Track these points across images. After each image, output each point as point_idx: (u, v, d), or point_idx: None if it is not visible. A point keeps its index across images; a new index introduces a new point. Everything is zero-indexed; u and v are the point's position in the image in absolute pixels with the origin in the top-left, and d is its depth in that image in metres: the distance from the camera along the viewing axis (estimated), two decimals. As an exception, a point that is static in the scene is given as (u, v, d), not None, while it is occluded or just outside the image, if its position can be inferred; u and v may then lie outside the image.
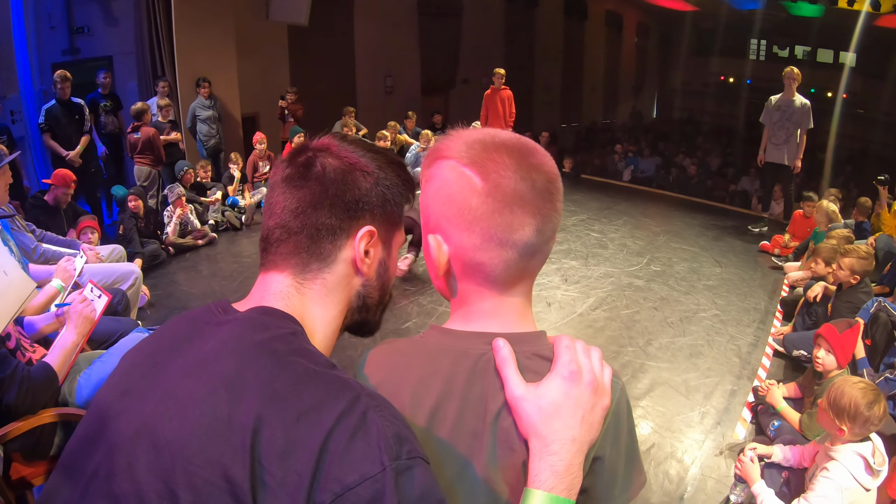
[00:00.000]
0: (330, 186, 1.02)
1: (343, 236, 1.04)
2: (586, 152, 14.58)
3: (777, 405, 3.95)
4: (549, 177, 1.00)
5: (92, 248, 4.91)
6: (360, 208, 1.04)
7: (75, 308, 2.80)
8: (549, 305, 5.88)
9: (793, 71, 7.61)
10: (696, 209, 9.45)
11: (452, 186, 0.99)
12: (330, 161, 1.04)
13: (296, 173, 1.03)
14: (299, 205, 1.02)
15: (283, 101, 10.16)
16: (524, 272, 1.03)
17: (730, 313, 5.83)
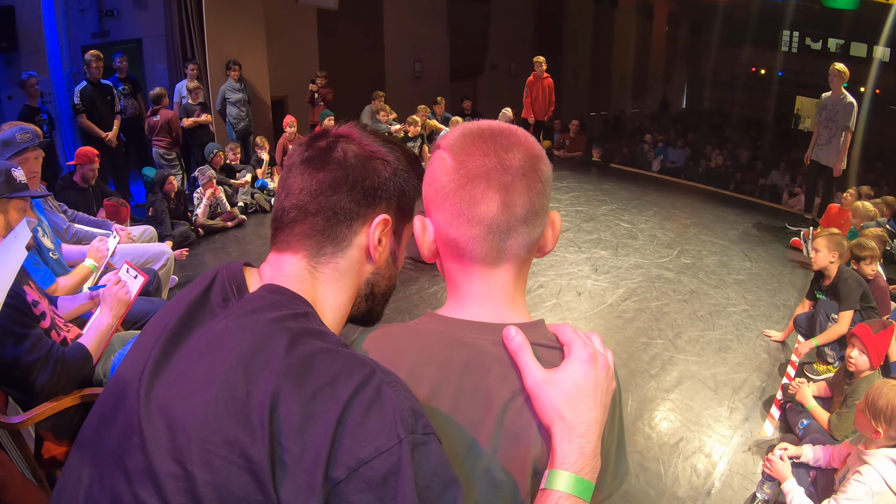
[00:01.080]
0: (350, 171, 1.03)
1: (359, 222, 1.05)
2: (615, 141, 14.44)
3: (807, 403, 3.91)
4: (523, 156, 0.99)
5: (124, 229, 4.94)
6: (378, 196, 1.05)
7: (110, 290, 2.81)
8: (579, 295, 5.84)
9: (835, 67, 7.40)
10: (726, 202, 9.32)
11: (433, 169, 1.02)
12: (351, 147, 1.05)
13: (316, 156, 1.04)
14: (318, 187, 1.02)
15: (314, 85, 10.15)
16: (502, 252, 1.01)
17: (759, 308, 5.76)
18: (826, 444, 3.50)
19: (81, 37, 8.72)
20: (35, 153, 3.79)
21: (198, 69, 8.88)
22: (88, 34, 8.84)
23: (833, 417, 3.70)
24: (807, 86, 14.86)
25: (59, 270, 3.52)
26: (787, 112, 16.10)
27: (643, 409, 4.23)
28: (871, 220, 6.09)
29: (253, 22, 9.68)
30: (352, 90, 11.28)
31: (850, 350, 3.72)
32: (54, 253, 3.56)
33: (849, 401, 3.66)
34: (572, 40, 16.70)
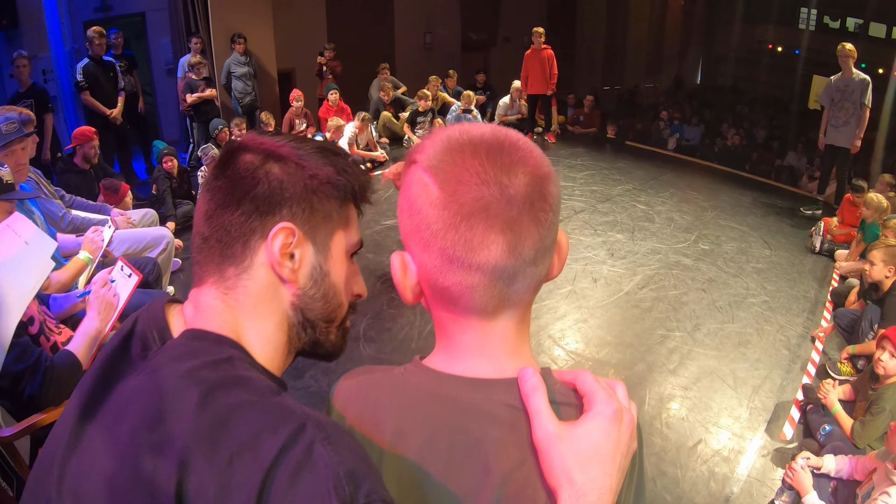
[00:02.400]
0: (239, 182, 0.89)
1: (256, 236, 0.89)
2: (629, 117, 14.16)
3: (832, 407, 3.77)
4: (530, 179, 0.79)
5: (123, 214, 4.79)
6: (274, 202, 0.89)
7: (96, 293, 2.66)
8: (595, 281, 5.68)
9: (845, 47, 7.16)
10: (744, 184, 9.09)
11: (413, 196, 0.82)
12: (246, 156, 0.90)
13: (211, 175, 0.92)
14: (208, 207, 0.90)
15: (322, 58, 9.92)
16: (504, 300, 0.83)
17: (779, 300, 5.59)
18: (849, 455, 3.39)
19: (83, 12, 8.47)
20: (22, 144, 3.61)
21: (201, 43, 8.65)
22: (90, 9, 8.59)
23: (856, 425, 3.58)
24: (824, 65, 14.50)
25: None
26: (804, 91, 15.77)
27: (661, 408, 4.11)
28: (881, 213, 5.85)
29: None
30: (361, 62, 11.03)
31: (881, 353, 3.56)
32: (49, 245, 3.39)
33: (873, 408, 3.54)
34: (586, 13, 16.31)
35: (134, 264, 3.96)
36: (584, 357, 4.58)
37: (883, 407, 3.47)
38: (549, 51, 9.76)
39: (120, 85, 7.35)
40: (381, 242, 6.24)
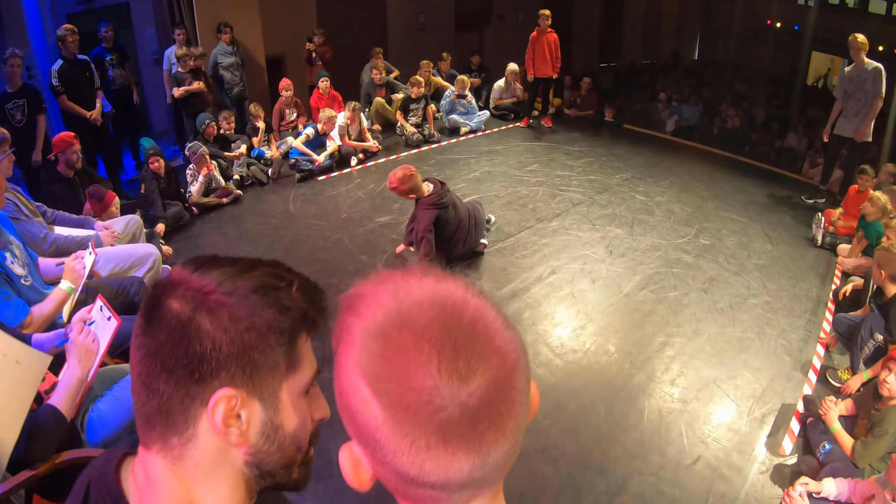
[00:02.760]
0: (165, 344, 0.81)
1: (196, 404, 0.82)
2: (626, 96, 13.94)
3: (831, 425, 3.70)
4: (492, 381, 0.64)
5: (107, 227, 4.65)
6: (210, 367, 0.81)
7: (74, 341, 2.54)
8: (593, 282, 5.56)
9: (856, 39, 6.96)
10: (745, 171, 8.91)
11: (353, 407, 0.67)
12: (171, 304, 0.82)
13: (138, 329, 0.84)
14: (141, 369, 0.83)
15: (311, 44, 9.68)
16: (475, 497, 0.69)
17: (781, 300, 5.48)
18: (848, 477, 3.35)
19: (66, 4, 8.21)
20: None
21: (185, 34, 8.39)
22: (72, 1, 8.33)
23: (858, 446, 3.53)
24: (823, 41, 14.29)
25: (33, 297, 3.24)
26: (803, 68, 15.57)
27: (660, 423, 4.02)
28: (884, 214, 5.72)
29: (244, -22, 9.14)
30: (352, 45, 10.78)
31: (887, 374, 3.47)
32: (27, 279, 3.26)
33: (876, 429, 3.48)
34: (583, -12, 16.01)
35: (119, 285, 3.88)
36: (583, 367, 4.48)
37: (886, 429, 3.41)
38: (554, 35, 9.53)
39: (96, 84, 7.08)
40: (374, 242, 6.10)
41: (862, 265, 5.79)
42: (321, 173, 7.83)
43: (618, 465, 3.67)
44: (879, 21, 13.92)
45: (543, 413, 4.00)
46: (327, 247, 6.02)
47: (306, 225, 6.49)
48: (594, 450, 3.76)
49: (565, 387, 4.26)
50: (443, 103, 9.76)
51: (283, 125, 8.65)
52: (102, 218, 5.26)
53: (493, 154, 8.79)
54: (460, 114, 9.66)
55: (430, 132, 9.19)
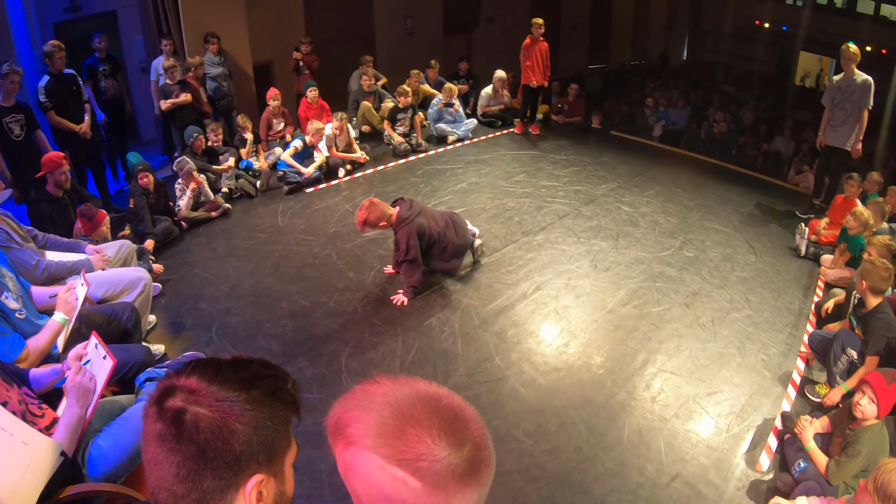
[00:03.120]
0: (207, 448, 1.00)
1: (231, 491, 1.03)
2: (615, 98, 14.02)
3: (806, 444, 3.80)
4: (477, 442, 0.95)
5: (99, 251, 4.70)
6: (244, 462, 1.03)
7: (72, 382, 2.62)
8: (577, 298, 5.63)
9: (848, 49, 7.05)
10: (730, 178, 9.00)
11: (386, 487, 0.92)
12: (202, 413, 1.01)
13: (167, 432, 1.01)
14: (179, 471, 1.00)
15: (298, 53, 9.70)
16: None
17: (763, 314, 5.58)
18: (821, 496, 3.43)
19: (52, 12, 8.23)
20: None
21: (172, 44, 8.42)
22: (59, 9, 8.34)
23: (831, 464, 3.62)
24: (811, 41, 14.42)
25: (27, 329, 3.31)
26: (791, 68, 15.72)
27: (640, 440, 4.10)
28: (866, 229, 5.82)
29: (232, -13, 9.17)
30: (340, 51, 10.85)
31: (860, 397, 3.57)
32: (21, 312, 3.33)
33: (850, 449, 3.57)
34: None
35: (111, 312, 3.95)
36: (566, 386, 4.55)
37: (859, 450, 3.50)
38: (546, 44, 9.60)
39: (84, 97, 7.10)
40: (362, 258, 6.15)
41: (844, 277, 5.89)
42: (309, 185, 7.88)
43: (598, 483, 3.75)
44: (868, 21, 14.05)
45: (526, 433, 4.08)
46: (315, 263, 6.07)
47: (295, 240, 6.53)
48: (575, 469, 3.84)
49: (548, 406, 4.33)
50: (430, 112, 9.81)
51: (271, 135, 8.69)
52: (93, 236, 5.32)
53: (481, 164, 8.84)
54: (448, 122, 9.71)
55: (417, 141, 9.24)
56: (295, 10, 10.96)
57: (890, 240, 5.25)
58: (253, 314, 5.29)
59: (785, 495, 3.60)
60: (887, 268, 4.43)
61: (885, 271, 4.41)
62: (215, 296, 5.56)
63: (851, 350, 4.42)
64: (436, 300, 5.55)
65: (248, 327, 5.12)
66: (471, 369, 4.64)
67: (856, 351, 4.41)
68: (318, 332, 5.05)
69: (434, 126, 9.74)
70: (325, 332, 5.07)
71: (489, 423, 3.99)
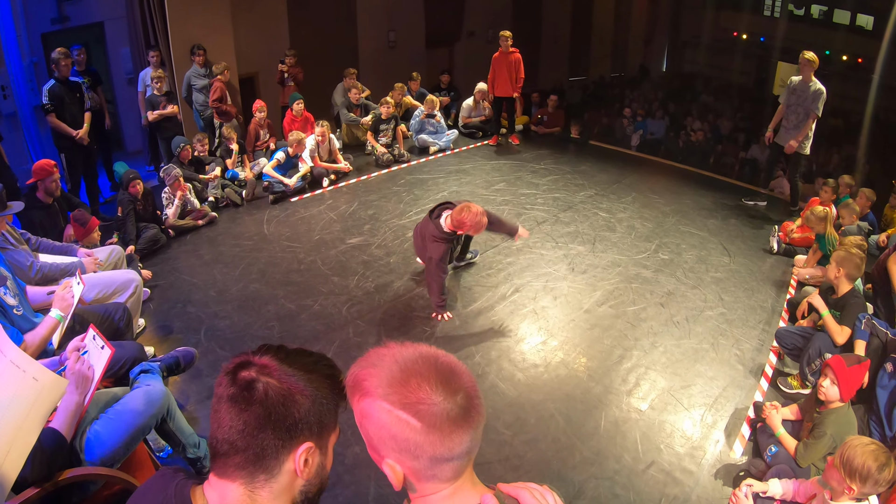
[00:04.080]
0: (273, 411, 1.19)
1: (285, 452, 1.22)
2: (594, 109, 14.27)
3: (775, 430, 3.95)
4: (468, 391, 1.15)
5: (90, 254, 4.82)
6: (300, 429, 1.22)
7: (72, 369, 2.75)
8: (555, 299, 5.79)
9: (805, 56, 7.33)
10: (706, 184, 9.21)
11: (392, 428, 1.13)
12: (272, 383, 1.21)
13: (240, 395, 1.20)
14: (245, 427, 1.19)
15: (283, 66, 9.85)
16: (469, 461, 1.20)
17: (736, 312, 5.75)
18: (793, 478, 3.57)
19: (40, 23, 8.35)
20: None
21: (159, 56, 8.57)
22: (47, 20, 8.46)
23: (800, 447, 3.76)
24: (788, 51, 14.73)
25: (24, 326, 3.43)
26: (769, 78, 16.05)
27: (616, 432, 4.25)
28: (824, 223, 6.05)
29: (217, 2, 9.29)
30: (324, 64, 11.00)
31: (823, 379, 3.73)
32: (18, 309, 3.45)
33: (816, 431, 3.72)
34: (551, 3, 16.33)
35: (104, 311, 4.06)
36: (544, 381, 4.71)
37: (824, 431, 3.65)
38: (517, 54, 9.80)
39: (86, 105, 7.25)
40: (346, 264, 6.29)
41: (817, 275, 6.08)
42: (294, 195, 8.02)
43: (575, 471, 3.90)
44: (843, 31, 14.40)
45: (506, 425, 4.22)
46: (301, 269, 6.21)
47: (280, 247, 6.67)
48: (553, 458, 3.99)
49: (527, 400, 4.48)
50: (412, 123, 9.98)
51: (258, 146, 8.83)
52: (84, 242, 5.43)
53: (462, 173, 9.01)
54: (429, 133, 9.88)
55: (400, 152, 9.40)
56: (280, 23, 11.12)
57: (861, 240, 5.49)
58: (240, 317, 5.42)
59: (758, 479, 3.73)
60: (861, 256, 4.71)
61: (860, 259, 4.69)
62: (203, 300, 5.68)
63: (828, 354, 4.57)
64: (417, 303, 5.69)
65: (236, 330, 5.24)
66: (452, 366, 4.76)
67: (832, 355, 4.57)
68: (304, 334, 5.18)
69: (416, 137, 9.91)
70: (310, 333, 5.20)
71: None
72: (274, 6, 10.98)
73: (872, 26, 13.65)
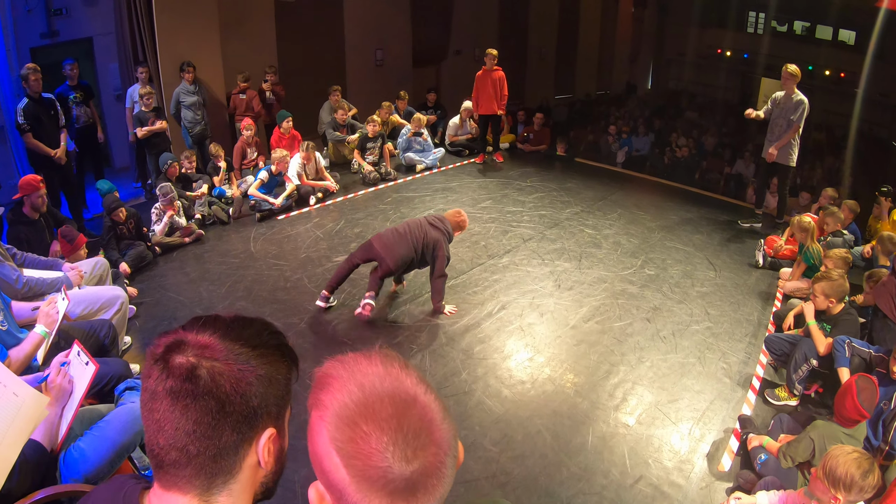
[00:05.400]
0: (226, 402, 0.99)
1: (246, 445, 1.04)
2: (580, 127, 14.37)
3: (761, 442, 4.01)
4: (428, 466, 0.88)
5: (74, 268, 4.81)
6: (260, 416, 1.04)
7: (52, 382, 2.75)
8: (541, 316, 5.81)
9: (788, 69, 7.45)
10: (691, 200, 9.32)
11: (325, 462, 0.90)
12: (217, 367, 1.00)
13: (181, 388, 0.98)
14: (196, 427, 0.99)
15: (265, 84, 9.86)
16: None
17: (722, 325, 5.78)
18: (781, 490, 3.56)
19: (30, 37, 8.35)
20: None
21: (148, 72, 8.58)
22: (37, 34, 8.47)
23: (782, 448, 3.79)
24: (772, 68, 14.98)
25: (9, 341, 3.42)
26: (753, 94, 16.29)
27: (603, 447, 4.24)
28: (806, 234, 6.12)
29: (206, 18, 9.35)
30: (312, 82, 11.05)
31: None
32: (3, 324, 3.44)
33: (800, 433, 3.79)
34: (537, 22, 16.50)
35: (89, 327, 4.04)
36: (530, 398, 4.70)
37: (806, 433, 3.71)
38: (501, 72, 9.90)
39: (61, 122, 7.20)
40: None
41: (801, 288, 6.14)
42: (281, 212, 8.02)
43: (563, 487, 3.89)
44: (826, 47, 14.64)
45: (493, 442, 4.21)
46: (287, 287, 6.20)
47: (267, 265, 6.66)
48: (540, 474, 3.98)
49: (513, 417, 4.48)
50: (399, 141, 10.04)
51: (245, 164, 8.82)
52: (70, 259, 5.41)
53: (448, 191, 9.06)
54: (416, 151, 9.94)
55: (386, 170, 9.43)
56: (268, 40, 11.16)
57: (846, 252, 5.55)
58: (226, 335, 5.37)
59: (746, 492, 3.75)
60: (841, 274, 4.82)
61: (842, 279, 4.77)
62: (189, 318, 5.61)
63: (813, 360, 4.62)
64: (404, 320, 5.69)
65: (221, 347, 5.20)
66: (438, 384, 4.77)
67: (817, 361, 4.61)
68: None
69: (403, 155, 9.96)
70: (296, 351, 5.12)
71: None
72: (262, 24, 11.02)
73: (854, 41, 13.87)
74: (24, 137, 6.88)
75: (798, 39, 15.20)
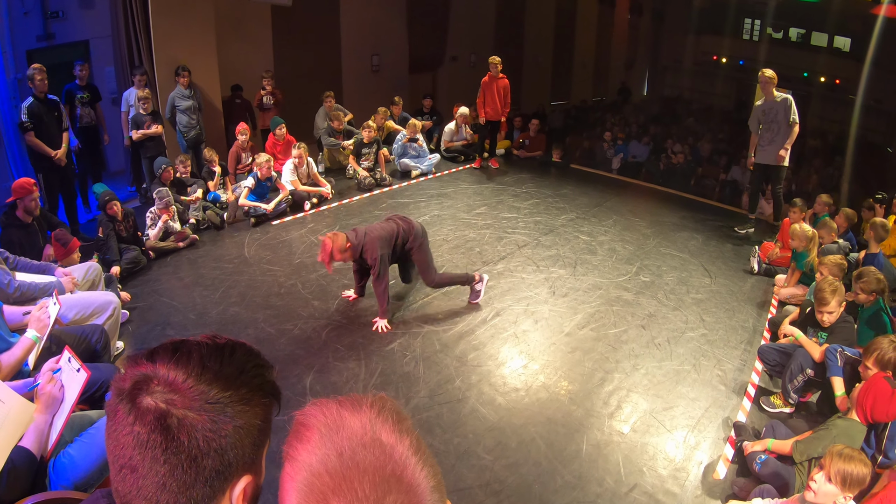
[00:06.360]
0: (199, 457, 0.91)
1: (220, 494, 0.96)
2: (576, 133, 14.39)
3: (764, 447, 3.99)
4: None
5: (67, 274, 4.78)
6: (234, 467, 0.96)
7: (42, 389, 2.73)
8: (536, 323, 5.79)
9: (764, 74, 7.49)
10: (686, 206, 9.34)
11: None
12: (190, 418, 0.91)
13: (152, 440, 0.90)
14: (166, 481, 0.90)
15: (263, 91, 9.86)
16: None
17: (717, 332, 5.78)
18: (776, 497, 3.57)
19: (26, 40, 8.32)
20: None
21: (145, 78, 8.57)
22: (33, 37, 8.44)
23: (799, 444, 3.79)
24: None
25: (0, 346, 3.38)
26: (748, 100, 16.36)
27: (597, 454, 4.22)
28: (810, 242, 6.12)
29: (202, 23, 9.33)
30: (308, 87, 11.03)
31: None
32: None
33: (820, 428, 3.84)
34: (533, 29, 16.56)
35: (81, 333, 4.01)
36: (524, 405, 4.68)
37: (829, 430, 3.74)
38: (505, 80, 9.95)
39: (64, 124, 7.20)
40: (326, 287, 6.26)
41: (796, 294, 6.15)
42: (275, 218, 8.00)
43: (557, 495, 3.86)
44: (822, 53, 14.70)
45: (487, 450, 4.19)
46: (281, 292, 6.17)
47: (261, 270, 6.63)
48: (535, 483, 3.95)
49: (507, 424, 4.45)
50: (395, 147, 10.03)
51: (240, 168, 8.80)
52: (63, 263, 5.38)
53: (443, 197, 9.06)
54: (411, 157, 9.94)
55: (381, 176, 9.42)
56: (264, 46, 11.17)
57: (841, 259, 5.54)
58: (220, 341, 5.35)
59: (741, 499, 3.73)
60: (831, 282, 4.80)
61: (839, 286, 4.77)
62: (182, 323, 5.63)
63: (809, 370, 4.60)
64: (397, 326, 5.66)
65: (214, 353, 5.17)
66: (432, 391, 4.75)
67: (813, 371, 4.59)
68: (284, 357, 5.13)
69: (398, 161, 9.96)
70: (290, 357, 5.15)
71: (450, 441, 4.19)
72: (259, 29, 11.04)
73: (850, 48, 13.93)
74: (25, 136, 6.88)
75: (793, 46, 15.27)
